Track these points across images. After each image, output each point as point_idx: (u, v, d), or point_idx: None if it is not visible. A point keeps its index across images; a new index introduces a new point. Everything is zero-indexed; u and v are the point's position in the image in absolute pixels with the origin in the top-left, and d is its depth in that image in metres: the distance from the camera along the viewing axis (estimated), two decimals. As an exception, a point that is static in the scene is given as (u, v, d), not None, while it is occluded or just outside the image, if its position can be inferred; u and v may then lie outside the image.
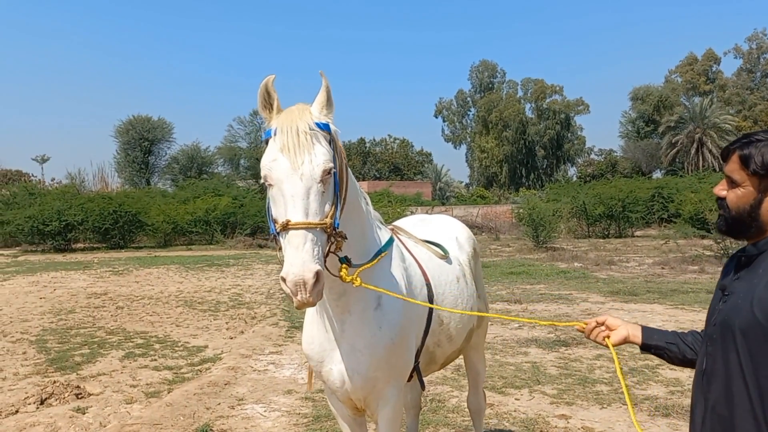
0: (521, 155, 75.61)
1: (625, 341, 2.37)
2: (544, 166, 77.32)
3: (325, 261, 2.38)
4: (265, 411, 6.12)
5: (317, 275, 2.23)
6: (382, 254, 2.84)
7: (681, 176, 45.90)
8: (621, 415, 5.77)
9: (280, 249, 2.37)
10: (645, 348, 2.35)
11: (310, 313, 2.94)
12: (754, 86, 68.79)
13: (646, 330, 2.36)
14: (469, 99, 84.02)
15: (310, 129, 2.43)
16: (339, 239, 2.47)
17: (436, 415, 5.83)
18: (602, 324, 2.41)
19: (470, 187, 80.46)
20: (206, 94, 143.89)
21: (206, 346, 9.05)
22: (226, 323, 10.78)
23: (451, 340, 3.39)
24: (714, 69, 71.09)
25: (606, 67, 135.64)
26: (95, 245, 31.10)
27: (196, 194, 35.51)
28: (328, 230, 2.38)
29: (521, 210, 29.16)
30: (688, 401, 5.99)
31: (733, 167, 1.99)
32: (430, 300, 3.15)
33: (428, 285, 3.17)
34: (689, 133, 57.02)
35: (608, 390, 6.48)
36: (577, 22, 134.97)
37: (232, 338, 9.57)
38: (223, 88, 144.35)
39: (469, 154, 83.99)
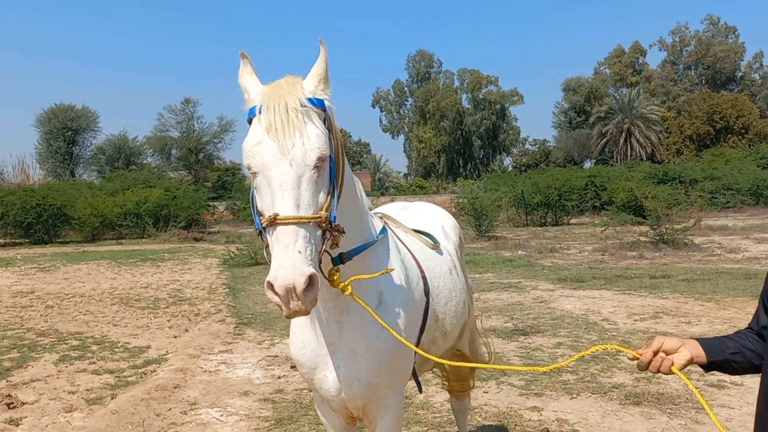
0: (458, 145, 76.39)
1: (691, 363, 1.96)
2: (481, 156, 78.43)
3: (320, 261, 2.04)
4: (221, 415, 5.70)
5: (311, 279, 1.88)
6: (385, 270, 2.50)
7: (611, 165, 47.40)
8: (592, 404, 5.67)
9: (267, 247, 2.00)
10: (710, 366, 2.00)
11: None
12: (678, 78, 71.78)
13: (705, 344, 2.00)
14: (406, 89, 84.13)
15: (301, 105, 2.05)
16: (336, 234, 2.12)
17: (405, 412, 5.57)
18: (658, 351, 1.97)
19: (409, 177, 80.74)
20: (134, 81, 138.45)
21: (149, 347, 8.48)
22: (168, 321, 10.19)
23: (445, 337, 3.11)
24: (640, 61, 73.75)
25: (539, 58, 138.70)
26: (17, 240, 29.38)
27: (125, 186, 34.15)
28: (324, 224, 2.01)
29: (461, 200, 29.34)
30: (655, 388, 5.97)
31: None
32: (426, 294, 2.85)
33: (424, 278, 2.87)
34: (618, 123, 58.95)
35: (575, 379, 6.39)
36: (512, 14, 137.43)
37: (176, 337, 9.02)
38: (152, 74, 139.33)
39: (407, 144, 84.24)
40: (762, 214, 31.53)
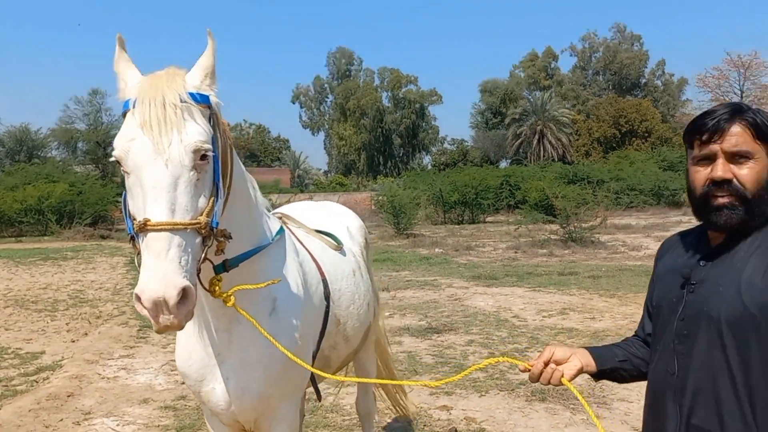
0: (379, 143, 76.70)
1: (581, 372, 1.93)
2: (401, 155, 79.08)
3: (199, 270, 1.86)
4: (117, 425, 5.37)
5: (185, 292, 1.71)
6: (271, 281, 2.31)
7: (525, 165, 48.92)
8: (499, 402, 5.73)
9: (139, 254, 1.81)
10: (600, 375, 1.99)
11: None
12: (587, 83, 74.89)
13: (595, 353, 1.98)
14: (326, 86, 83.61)
15: (181, 101, 1.87)
16: (221, 240, 1.96)
17: (314, 416, 5.44)
18: (549, 361, 1.93)
19: (329, 175, 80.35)
20: (38, 72, 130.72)
21: (43, 352, 7.93)
22: (67, 324, 9.59)
23: (347, 341, 3.00)
24: (553, 65, 76.44)
25: (457, 60, 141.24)
26: None
27: (26, 180, 32.11)
28: (204, 231, 1.83)
29: (381, 197, 29.48)
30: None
31: (738, 139, 1.66)
32: (327, 298, 2.73)
33: (324, 281, 2.75)
34: (532, 125, 60.88)
35: (484, 377, 6.45)
36: (431, 15, 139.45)
37: (74, 341, 8.49)
38: (59, 65, 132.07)
39: (327, 141, 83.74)
40: (662, 214, 33.39)
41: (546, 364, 1.93)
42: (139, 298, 1.71)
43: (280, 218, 2.75)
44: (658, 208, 36.46)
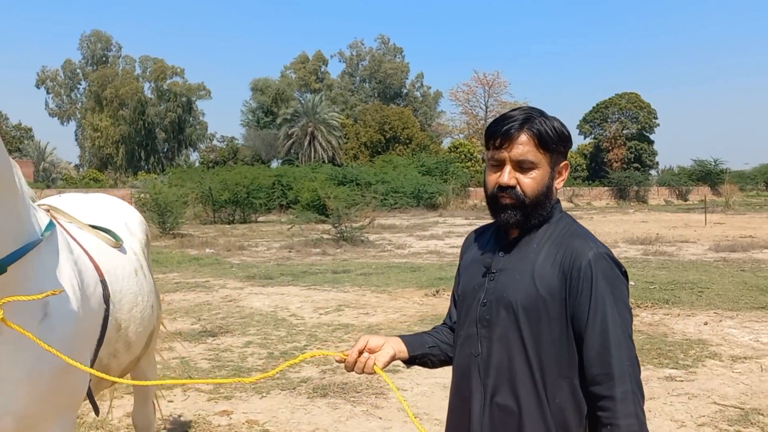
0: (140, 137, 71.71)
1: (393, 359, 1.98)
2: (165, 150, 74.87)
3: None
4: None
5: None
6: (52, 291, 1.98)
7: (297, 166, 49.60)
8: (281, 401, 5.66)
9: None
10: (412, 361, 2.05)
11: None
12: (355, 89, 78.35)
13: (407, 340, 2.04)
14: (79, 71, 75.87)
15: None
16: None
17: None
18: (363, 350, 1.96)
19: (81, 169, 73.02)
20: None
21: None
22: None
23: (129, 348, 2.69)
24: (323, 69, 78.64)
25: (228, 55, 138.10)
26: None
27: None
28: None
29: (143, 195, 27.65)
30: (340, 378, 6.22)
31: (524, 149, 1.79)
32: (106, 301, 2.42)
33: (103, 282, 2.43)
34: (303, 126, 61.95)
35: (264, 377, 6.32)
36: (198, 5, 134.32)
37: None
38: None
39: (79, 132, 76.01)
40: (422, 215, 36.18)
41: (360, 353, 1.95)
42: None
43: (47, 211, 2.36)
44: (418, 209, 39.45)
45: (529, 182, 1.80)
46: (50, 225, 2.15)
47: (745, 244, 17.91)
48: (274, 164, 61.15)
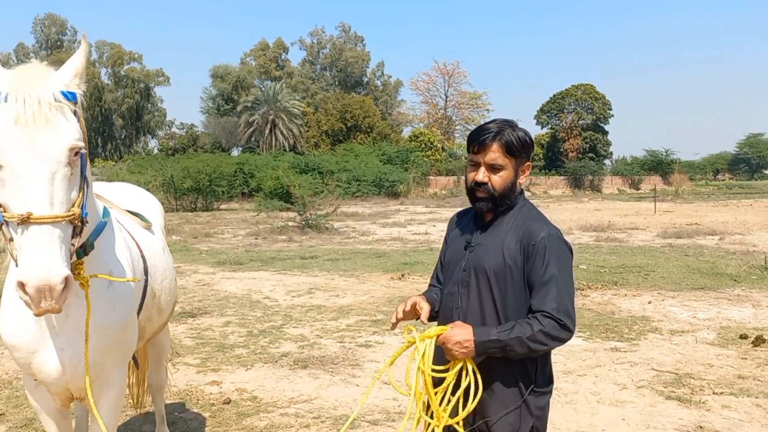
0: (97, 123, 70.27)
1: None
2: (123, 137, 73.62)
3: (71, 256, 2.05)
4: None
5: (66, 280, 1.91)
6: (133, 278, 2.52)
7: (258, 154, 49.53)
8: (265, 373, 6.14)
9: (11, 240, 1.96)
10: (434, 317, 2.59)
11: (13, 295, 2.39)
12: (316, 77, 78.20)
13: (429, 299, 2.60)
14: (32, 55, 73.73)
15: (55, 100, 2.02)
16: (82, 227, 2.14)
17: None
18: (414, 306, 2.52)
19: (36, 156, 71.23)
20: None
21: None
22: None
23: (161, 313, 3.18)
24: (283, 57, 78.17)
25: (186, 40, 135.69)
26: None
27: None
28: (75, 221, 2.03)
29: (102, 182, 27.51)
30: (318, 353, 6.74)
31: (495, 155, 2.38)
32: (146, 272, 2.89)
33: (143, 257, 2.91)
34: (264, 114, 61.66)
35: (247, 352, 6.80)
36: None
37: None
38: None
39: (32, 117, 74.07)
40: (383, 203, 36.78)
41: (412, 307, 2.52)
42: (23, 285, 1.85)
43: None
44: (380, 197, 40.04)
45: (497, 179, 2.41)
46: (106, 210, 2.62)
47: (690, 230, 19.02)
48: (235, 152, 60.83)
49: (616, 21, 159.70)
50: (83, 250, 2.28)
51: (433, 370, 2.33)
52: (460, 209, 2.80)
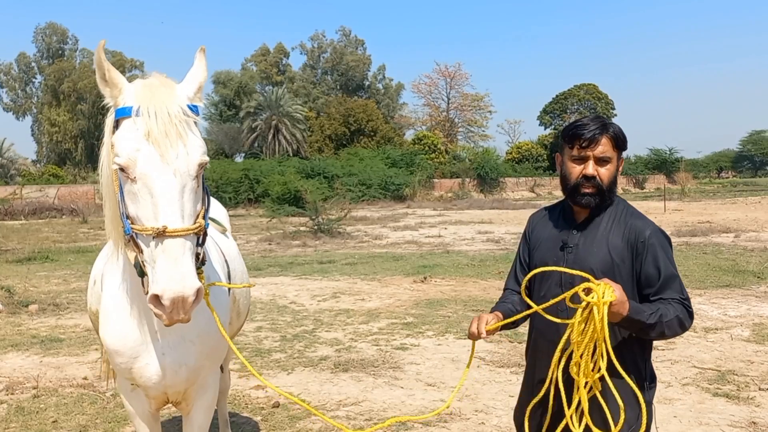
0: (99, 131, 70.32)
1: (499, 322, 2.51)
2: (125, 145, 73.65)
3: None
4: None
5: (198, 293, 1.95)
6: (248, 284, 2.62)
7: (262, 159, 49.52)
8: (307, 376, 6.14)
9: (141, 252, 2.00)
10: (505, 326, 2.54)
11: (116, 301, 2.41)
12: (317, 81, 78.22)
13: (502, 311, 2.55)
14: (34, 65, 73.97)
15: (183, 114, 2.05)
16: (205, 237, 2.19)
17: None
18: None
19: (40, 164, 71.30)
20: None
21: None
22: None
23: (239, 317, 3.20)
24: (284, 62, 78.25)
25: (186, 46, 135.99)
26: None
27: None
28: (200, 233, 2.08)
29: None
30: (354, 356, 6.74)
31: (605, 148, 2.38)
32: (228, 276, 2.91)
33: (226, 262, 2.93)
34: (267, 119, 61.69)
35: (285, 357, 6.80)
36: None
37: None
38: None
39: (36, 127, 74.22)
40: (390, 206, 36.80)
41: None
42: (157, 298, 1.88)
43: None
44: (386, 201, 40.06)
45: (605, 173, 2.40)
46: None
47: (704, 229, 19.02)
48: (239, 158, 60.80)
49: (617, 21, 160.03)
50: (202, 261, 2.29)
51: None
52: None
